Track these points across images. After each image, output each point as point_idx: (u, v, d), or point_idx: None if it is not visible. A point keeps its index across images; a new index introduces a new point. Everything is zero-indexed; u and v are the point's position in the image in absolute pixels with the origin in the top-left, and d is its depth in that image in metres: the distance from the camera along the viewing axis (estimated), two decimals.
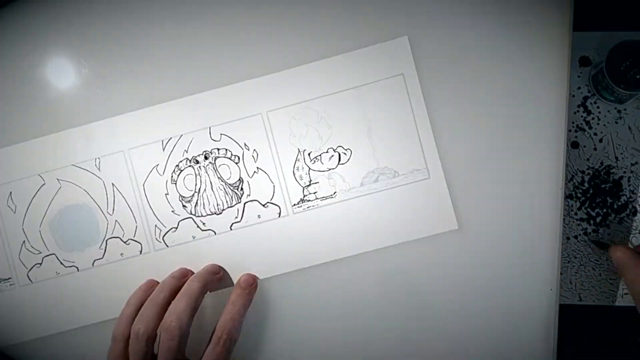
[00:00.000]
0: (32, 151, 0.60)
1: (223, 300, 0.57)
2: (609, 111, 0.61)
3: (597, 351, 0.49)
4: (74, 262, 0.60)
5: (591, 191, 0.61)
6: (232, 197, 0.59)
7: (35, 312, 0.61)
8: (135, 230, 0.59)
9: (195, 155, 0.59)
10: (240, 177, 0.59)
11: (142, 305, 0.56)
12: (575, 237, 0.60)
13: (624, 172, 0.60)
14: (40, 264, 0.60)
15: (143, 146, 0.59)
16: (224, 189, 0.59)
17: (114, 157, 0.59)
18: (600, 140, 0.61)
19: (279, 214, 0.59)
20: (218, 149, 0.59)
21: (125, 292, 0.59)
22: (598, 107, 0.61)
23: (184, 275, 0.58)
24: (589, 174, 0.61)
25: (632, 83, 0.57)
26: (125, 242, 0.59)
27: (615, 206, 0.61)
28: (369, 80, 0.57)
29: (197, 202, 0.59)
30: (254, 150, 0.59)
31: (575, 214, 0.60)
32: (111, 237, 0.59)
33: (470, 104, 0.59)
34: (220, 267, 0.59)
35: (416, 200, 0.58)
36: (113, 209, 0.59)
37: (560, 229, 0.59)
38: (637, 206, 0.60)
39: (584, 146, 0.61)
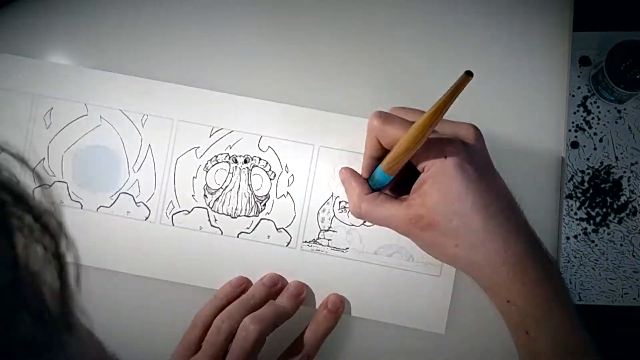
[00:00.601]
0: (89, 79, 0.60)
1: None
2: (608, 111, 0.61)
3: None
4: (81, 199, 0.60)
5: (591, 191, 0.60)
6: (252, 208, 0.59)
7: None
8: (150, 197, 0.59)
9: (237, 155, 0.59)
10: (268, 193, 0.59)
11: (228, 300, 0.56)
12: (575, 236, 0.60)
13: (624, 172, 0.60)
14: (50, 186, 0.60)
15: (193, 124, 0.59)
16: (249, 197, 0.59)
17: (163, 121, 0.59)
18: (600, 140, 0.61)
19: (288, 243, 0.58)
20: (260, 159, 0.59)
21: (112, 247, 0.59)
22: (598, 107, 0.61)
23: (275, 283, 0.58)
24: (588, 173, 0.60)
25: (632, 83, 0.57)
26: (136, 203, 0.59)
27: (615, 206, 0.60)
28: None
29: (218, 198, 0.59)
30: (292, 175, 0.59)
31: (575, 213, 0.60)
32: (125, 193, 0.59)
33: (469, 104, 0.57)
34: (305, 287, 0.58)
35: (418, 291, 0.58)
36: (139, 168, 0.59)
37: (560, 228, 0.59)
38: (637, 206, 0.60)
39: (584, 146, 0.61)
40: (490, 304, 0.55)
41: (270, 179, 0.59)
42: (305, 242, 0.58)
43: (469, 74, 0.40)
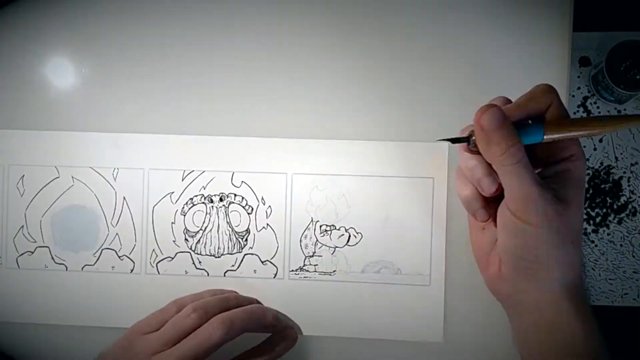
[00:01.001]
0: (56, 142, 0.60)
1: None
2: (608, 111, 0.61)
3: None
4: (64, 260, 0.60)
5: (591, 191, 0.60)
6: (234, 245, 0.59)
7: (12, 297, 0.60)
8: (133, 249, 0.59)
9: (212, 194, 0.59)
10: (248, 227, 0.59)
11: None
12: None
13: (624, 172, 0.60)
14: (32, 252, 0.60)
15: (164, 170, 0.59)
16: (230, 234, 0.59)
17: (133, 172, 0.59)
18: (600, 141, 0.61)
19: (275, 275, 0.58)
20: (235, 195, 0.59)
21: (103, 304, 0.59)
22: (598, 107, 0.61)
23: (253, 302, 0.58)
24: (588, 174, 0.60)
25: (631, 83, 0.57)
26: (119, 257, 0.59)
27: (615, 206, 0.60)
28: (399, 174, 0.57)
29: (199, 240, 0.59)
30: (269, 206, 0.59)
31: None
32: (107, 248, 0.59)
33: (469, 104, 0.58)
34: (277, 319, 0.58)
35: (411, 303, 0.57)
36: (117, 222, 0.59)
37: None
38: (637, 206, 0.60)
39: (584, 146, 0.60)
40: (485, 307, 0.55)
41: (248, 214, 0.59)
42: (292, 271, 0.58)
43: None
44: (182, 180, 0.59)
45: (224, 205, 0.59)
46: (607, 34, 0.61)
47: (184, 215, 0.59)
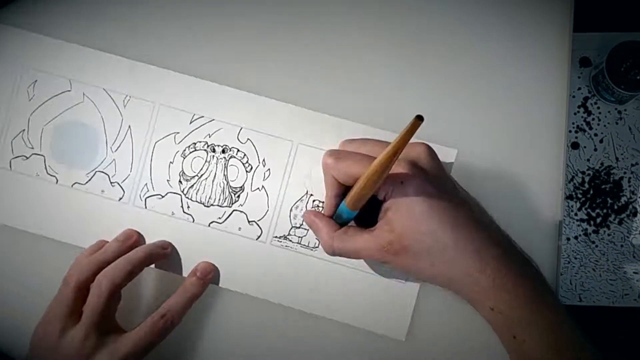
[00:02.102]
0: (75, 56, 0.60)
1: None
2: (609, 112, 0.62)
3: None
4: (57, 173, 0.60)
5: (591, 192, 0.61)
6: (226, 199, 0.59)
7: None
8: (126, 178, 0.59)
9: (216, 144, 0.59)
10: (243, 185, 0.59)
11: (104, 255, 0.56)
12: (576, 237, 0.60)
13: (624, 173, 0.61)
14: (27, 157, 0.60)
15: (174, 109, 0.59)
16: (223, 187, 0.59)
17: (144, 103, 0.59)
18: (601, 141, 0.61)
19: (258, 237, 0.59)
20: (238, 150, 0.59)
21: (84, 226, 0.60)
22: (598, 108, 0.62)
23: (130, 236, 0.58)
24: (589, 174, 0.61)
25: (632, 84, 0.57)
26: (111, 183, 0.59)
27: (616, 207, 0.61)
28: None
29: (193, 185, 0.59)
30: (269, 169, 0.59)
31: (576, 214, 0.60)
32: (101, 171, 0.59)
33: (469, 104, 0.59)
34: (170, 244, 0.59)
35: (382, 296, 0.58)
36: (117, 148, 0.59)
37: (561, 229, 0.59)
38: (638, 207, 0.60)
39: (584, 147, 0.61)
40: (454, 314, 0.56)
41: (247, 171, 0.59)
42: (276, 237, 0.58)
43: (419, 119, 0.40)
44: (190, 123, 0.59)
45: (224, 157, 0.59)
46: (607, 35, 0.62)
47: (184, 158, 0.59)
